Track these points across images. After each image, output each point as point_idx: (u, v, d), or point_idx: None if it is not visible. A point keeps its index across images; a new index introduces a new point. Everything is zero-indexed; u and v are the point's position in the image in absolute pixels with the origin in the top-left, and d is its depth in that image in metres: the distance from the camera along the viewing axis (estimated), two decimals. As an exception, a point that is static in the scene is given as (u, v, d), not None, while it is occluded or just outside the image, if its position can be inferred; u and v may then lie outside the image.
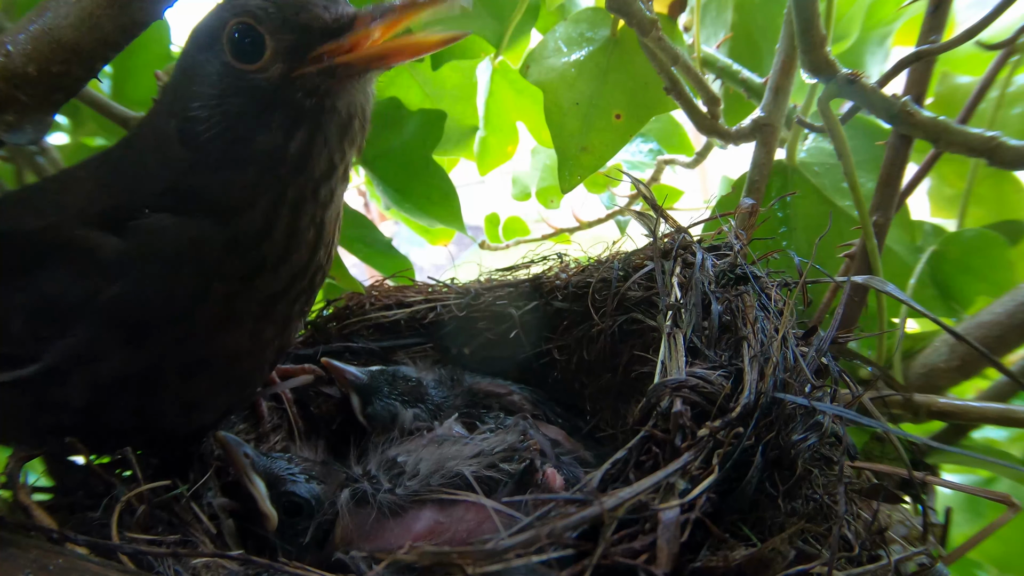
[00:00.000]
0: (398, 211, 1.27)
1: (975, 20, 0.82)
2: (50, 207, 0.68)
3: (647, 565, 0.49)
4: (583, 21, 1.08)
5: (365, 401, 0.90)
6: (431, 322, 1.03)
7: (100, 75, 0.68)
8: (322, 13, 0.59)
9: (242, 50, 0.60)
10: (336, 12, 0.60)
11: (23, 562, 0.55)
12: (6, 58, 0.63)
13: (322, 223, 0.67)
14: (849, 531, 0.62)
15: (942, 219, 1.22)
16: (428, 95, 1.32)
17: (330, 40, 0.59)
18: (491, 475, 0.69)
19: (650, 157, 1.50)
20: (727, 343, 0.68)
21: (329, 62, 0.60)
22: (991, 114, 1.09)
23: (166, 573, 0.58)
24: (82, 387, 0.64)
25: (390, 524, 0.68)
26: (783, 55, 1.00)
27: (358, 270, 1.20)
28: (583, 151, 1.06)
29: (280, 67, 0.60)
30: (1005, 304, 0.97)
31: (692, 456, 0.55)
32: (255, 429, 0.89)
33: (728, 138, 1.07)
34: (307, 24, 0.59)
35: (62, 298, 0.62)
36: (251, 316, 0.67)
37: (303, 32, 0.59)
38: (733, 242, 0.80)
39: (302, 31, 0.59)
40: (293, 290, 0.69)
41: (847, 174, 0.89)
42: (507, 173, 1.61)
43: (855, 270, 0.94)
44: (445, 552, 0.49)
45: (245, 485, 0.73)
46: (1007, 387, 0.99)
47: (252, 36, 0.59)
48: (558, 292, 0.97)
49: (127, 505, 0.64)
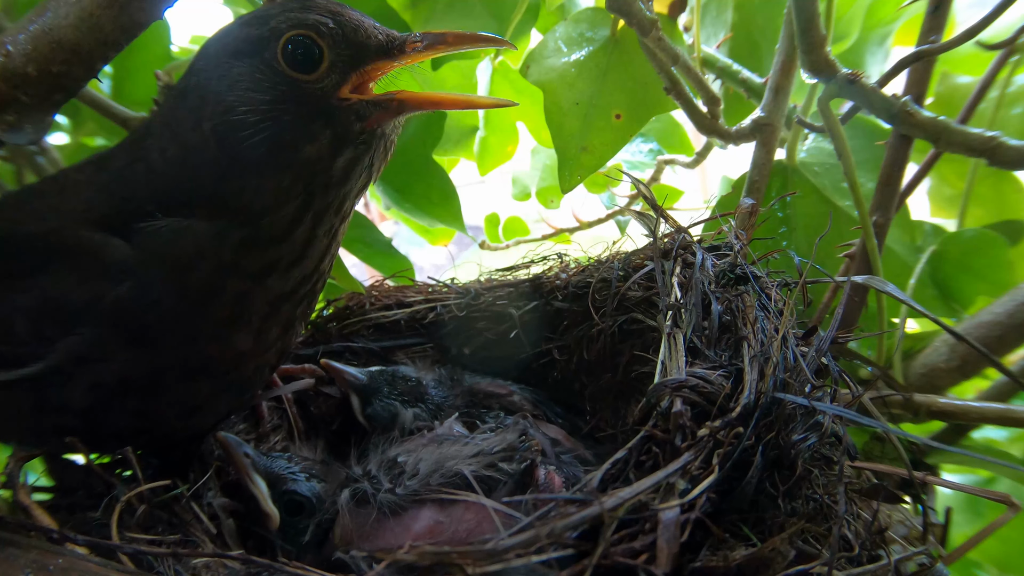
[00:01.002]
0: (398, 211, 1.27)
1: (975, 20, 0.82)
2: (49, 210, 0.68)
3: (647, 565, 0.49)
4: (583, 21, 1.08)
5: (365, 401, 0.90)
6: (431, 322, 1.03)
7: (100, 75, 0.68)
8: (376, 33, 0.65)
9: (297, 61, 0.63)
10: (388, 34, 0.65)
11: (23, 562, 0.55)
12: (6, 58, 0.63)
13: (335, 234, 0.70)
14: (849, 531, 0.61)
15: (942, 219, 1.22)
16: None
17: (383, 59, 0.65)
18: (491, 475, 0.69)
19: (650, 157, 1.50)
20: (727, 343, 0.68)
21: (387, 95, 0.65)
22: (991, 114, 1.09)
23: (166, 573, 0.58)
24: (84, 389, 0.64)
25: (390, 524, 0.68)
26: (783, 55, 1.00)
27: (358, 270, 1.20)
28: (583, 151, 1.06)
29: (334, 79, 0.64)
30: (1005, 304, 0.97)
31: (692, 456, 0.55)
32: (255, 429, 0.89)
33: (728, 138, 1.07)
34: (364, 42, 0.64)
35: (66, 299, 0.63)
36: (259, 315, 0.68)
37: (360, 49, 0.64)
38: (733, 242, 0.80)
39: (359, 48, 0.64)
40: (299, 293, 0.70)
41: (847, 174, 0.89)
42: (507, 173, 1.61)
43: (855, 270, 0.95)
44: (445, 552, 0.49)
45: (246, 485, 0.73)
46: (1007, 387, 0.99)
47: (309, 48, 0.63)
48: (558, 292, 0.97)
49: (127, 505, 0.64)
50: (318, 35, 0.63)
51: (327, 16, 0.63)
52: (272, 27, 0.63)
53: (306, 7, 0.64)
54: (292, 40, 0.62)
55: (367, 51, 0.65)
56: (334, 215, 0.68)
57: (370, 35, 0.65)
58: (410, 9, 1.13)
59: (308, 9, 0.64)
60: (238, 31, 0.65)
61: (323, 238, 0.69)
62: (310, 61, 0.63)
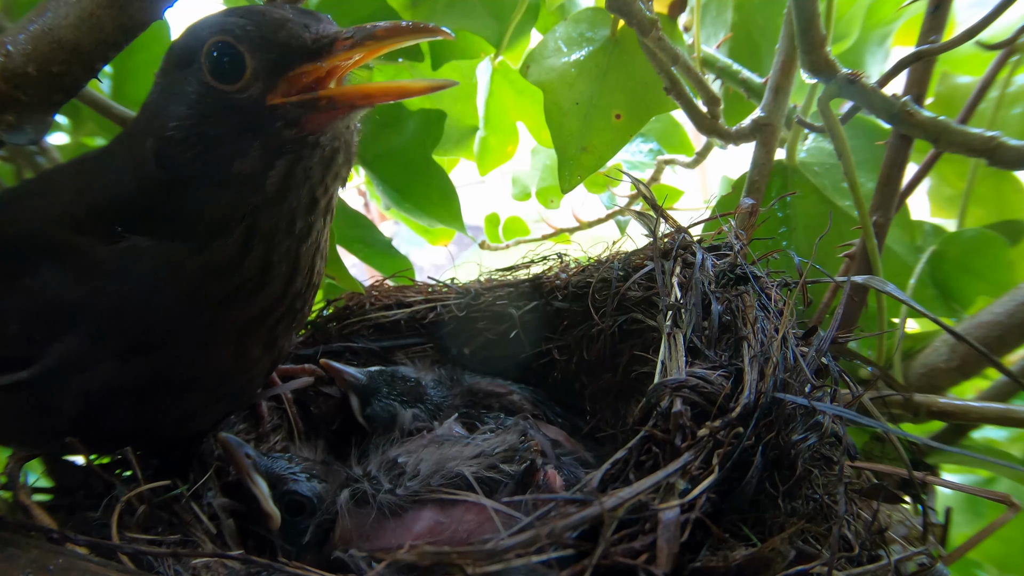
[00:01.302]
0: (398, 211, 1.27)
1: (975, 20, 0.82)
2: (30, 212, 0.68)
3: (647, 565, 0.49)
4: (583, 21, 1.08)
5: (364, 402, 0.90)
6: (431, 322, 1.03)
7: (100, 75, 0.68)
8: (302, 32, 0.57)
9: (221, 69, 0.57)
10: (316, 32, 0.58)
11: (23, 562, 0.55)
12: (6, 58, 0.63)
13: (297, 256, 0.65)
14: (849, 531, 0.61)
15: (942, 219, 1.22)
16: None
17: (310, 61, 0.57)
18: (491, 476, 0.68)
19: (650, 157, 1.50)
20: (727, 343, 0.68)
21: (312, 94, 0.58)
22: (991, 114, 1.09)
23: (166, 573, 0.58)
24: (76, 394, 0.63)
25: (390, 524, 0.68)
26: (783, 55, 1.00)
27: (358, 270, 1.20)
28: (583, 151, 1.06)
29: (260, 87, 0.58)
30: (1005, 304, 0.97)
31: (692, 456, 0.55)
32: (255, 429, 0.89)
33: (728, 138, 1.07)
34: (287, 43, 0.57)
35: (54, 302, 0.62)
36: (232, 339, 0.66)
37: (283, 51, 0.57)
38: (733, 242, 0.80)
39: (282, 50, 0.57)
40: (270, 318, 0.67)
41: (847, 174, 0.89)
42: (507, 173, 1.61)
43: (855, 270, 0.94)
44: (445, 552, 0.49)
45: (247, 486, 0.73)
46: (1007, 387, 0.99)
47: (231, 55, 0.57)
48: (558, 292, 0.96)
49: (127, 505, 0.64)
50: (235, 40, 0.57)
51: (246, 17, 0.57)
52: (198, 35, 0.59)
53: (231, 10, 0.59)
54: (214, 47, 0.57)
55: (291, 53, 0.57)
56: (288, 236, 0.62)
57: (293, 35, 0.57)
58: (410, 9, 1.13)
59: (232, 12, 0.59)
60: (180, 40, 0.61)
61: (281, 263, 0.63)
62: (232, 69, 0.57)
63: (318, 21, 0.58)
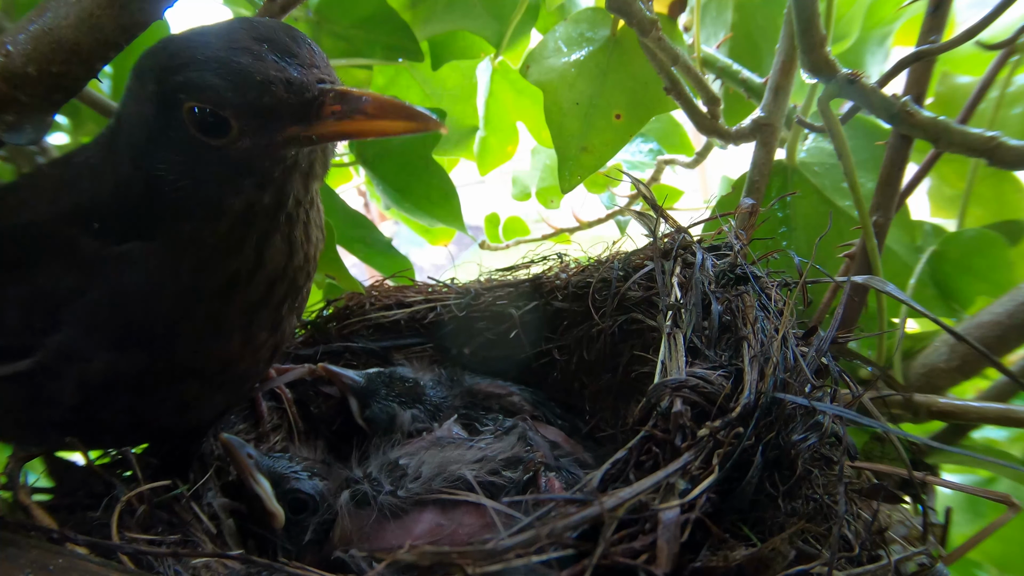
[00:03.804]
0: (398, 211, 1.27)
1: (975, 20, 0.82)
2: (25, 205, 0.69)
3: (647, 565, 0.49)
4: (583, 21, 1.08)
5: (363, 404, 0.89)
6: (431, 322, 1.03)
7: (100, 75, 0.68)
8: (283, 95, 0.56)
9: (206, 127, 0.57)
10: (300, 92, 0.56)
11: (23, 562, 0.55)
12: (6, 58, 0.63)
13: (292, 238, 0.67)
14: (849, 531, 0.61)
15: (942, 219, 1.22)
16: (428, 95, 1.32)
17: (296, 124, 0.57)
18: (493, 480, 0.69)
19: (650, 157, 1.50)
20: (727, 343, 0.68)
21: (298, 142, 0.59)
22: (991, 114, 1.09)
23: (166, 573, 0.58)
24: (73, 385, 0.64)
25: (390, 526, 0.68)
26: (783, 55, 1.00)
27: (358, 270, 1.20)
28: (583, 151, 1.06)
29: (248, 142, 0.58)
30: (1005, 304, 0.97)
31: (692, 456, 0.55)
32: (255, 429, 0.89)
33: (728, 138, 1.06)
34: (272, 109, 0.56)
35: (50, 293, 0.63)
36: (238, 326, 0.67)
37: (269, 118, 0.57)
38: (733, 242, 0.80)
39: (268, 117, 0.57)
40: (274, 296, 0.68)
41: (847, 174, 0.89)
42: (507, 173, 1.61)
43: (855, 270, 0.94)
44: (445, 552, 0.49)
45: (250, 485, 0.73)
46: (1007, 387, 0.99)
47: (215, 116, 0.57)
48: (558, 292, 0.96)
49: (127, 505, 0.64)
50: (217, 107, 0.56)
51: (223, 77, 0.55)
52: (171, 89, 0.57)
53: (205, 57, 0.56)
54: (195, 107, 0.57)
55: (277, 120, 0.57)
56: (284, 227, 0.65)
57: (277, 99, 0.56)
58: (410, 9, 1.13)
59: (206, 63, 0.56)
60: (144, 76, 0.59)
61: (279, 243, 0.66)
62: (218, 128, 0.57)
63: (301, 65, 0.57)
